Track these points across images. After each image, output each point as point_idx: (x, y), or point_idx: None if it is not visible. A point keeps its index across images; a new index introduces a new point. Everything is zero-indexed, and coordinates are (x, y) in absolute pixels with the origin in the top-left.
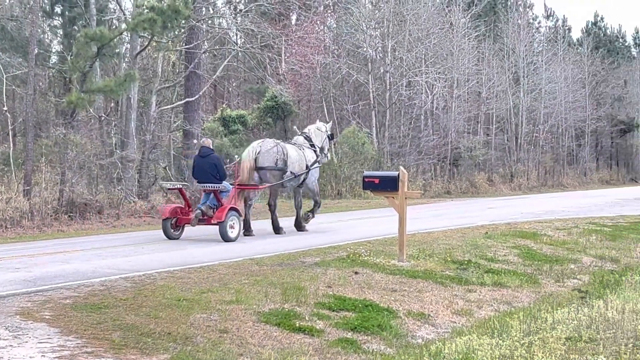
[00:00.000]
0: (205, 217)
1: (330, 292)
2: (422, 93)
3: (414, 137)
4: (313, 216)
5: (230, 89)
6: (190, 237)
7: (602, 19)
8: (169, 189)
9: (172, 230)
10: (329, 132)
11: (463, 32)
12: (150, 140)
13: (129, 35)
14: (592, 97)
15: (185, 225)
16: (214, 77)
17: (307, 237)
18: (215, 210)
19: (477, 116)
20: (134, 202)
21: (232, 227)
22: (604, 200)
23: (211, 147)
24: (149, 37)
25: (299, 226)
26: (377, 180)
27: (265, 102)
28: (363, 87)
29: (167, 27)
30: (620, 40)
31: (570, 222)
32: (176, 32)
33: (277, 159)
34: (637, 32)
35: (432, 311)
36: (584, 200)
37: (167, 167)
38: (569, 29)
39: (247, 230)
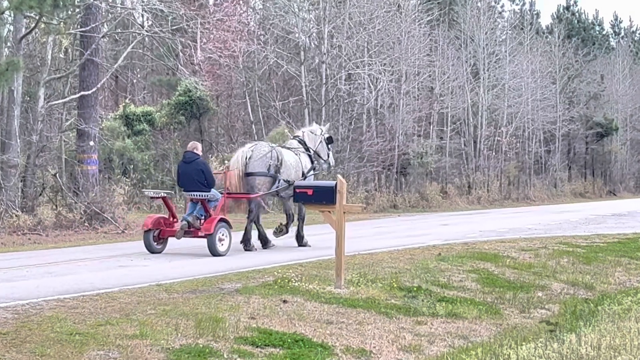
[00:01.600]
0: (192, 229)
1: (254, 325)
2: (364, 88)
3: (354, 141)
4: (287, 231)
5: (134, 80)
6: (90, 257)
7: (575, 2)
8: (151, 197)
9: (155, 243)
10: (326, 135)
11: (413, 17)
12: (38, 141)
13: (12, 15)
14: (564, 94)
15: (169, 237)
16: (115, 66)
17: (226, 259)
18: (202, 221)
19: (429, 116)
20: (16, 216)
21: (221, 240)
22: (577, 217)
23: (197, 151)
24: (37, 17)
25: (301, 239)
26: (310, 192)
27: (177, 97)
28: (294, 80)
29: (59, 6)
30: (597, 28)
31: (537, 242)
32: (70, 12)
33: (269, 165)
34: (616, 19)
35: (374, 347)
36: (554, 216)
37: (57, 174)
38: (537, 15)
39: (246, 245)
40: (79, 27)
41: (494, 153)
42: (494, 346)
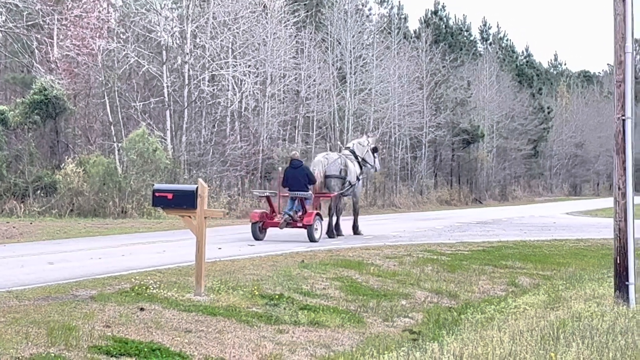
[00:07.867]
0: (292, 221)
1: (109, 333)
2: (228, 90)
3: (217, 144)
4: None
5: None
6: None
7: (443, 7)
8: (259, 196)
9: (259, 232)
10: (373, 145)
11: (279, 18)
12: None
13: None
14: (431, 100)
15: (271, 227)
16: None
17: (82, 265)
18: (299, 215)
19: (294, 120)
20: None
21: (316, 229)
22: (442, 224)
23: (300, 159)
24: None
25: (356, 229)
26: (170, 196)
27: (31, 95)
28: (156, 80)
29: None
30: (465, 33)
31: (402, 249)
32: None
33: (340, 169)
34: (485, 25)
35: (234, 356)
36: (420, 223)
37: None
38: (405, 19)
39: (330, 235)
40: None
41: None
42: (356, 355)
